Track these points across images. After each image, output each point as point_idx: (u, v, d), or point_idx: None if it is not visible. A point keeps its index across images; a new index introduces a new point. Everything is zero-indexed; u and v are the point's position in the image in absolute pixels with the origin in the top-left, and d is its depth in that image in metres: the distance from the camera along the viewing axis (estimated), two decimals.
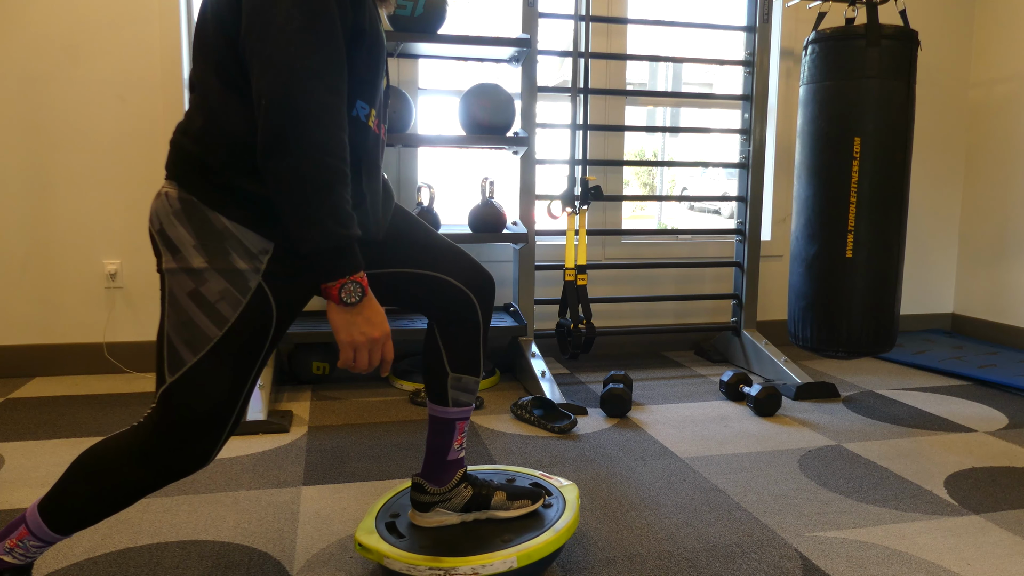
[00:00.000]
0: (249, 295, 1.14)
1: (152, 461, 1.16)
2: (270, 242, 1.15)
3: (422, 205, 2.70)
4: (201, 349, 1.14)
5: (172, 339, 1.15)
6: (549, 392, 2.54)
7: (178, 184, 1.14)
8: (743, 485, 1.92)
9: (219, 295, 1.13)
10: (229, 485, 1.89)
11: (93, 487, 1.17)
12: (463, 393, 1.45)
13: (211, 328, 1.13)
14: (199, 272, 1.13)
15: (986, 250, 3.66)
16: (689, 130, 3.13)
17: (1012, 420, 2.48)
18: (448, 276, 1.39)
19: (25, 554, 1.21)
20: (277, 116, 1.01)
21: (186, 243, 1.13)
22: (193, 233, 1.13)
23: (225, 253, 1.13)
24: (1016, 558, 1.56)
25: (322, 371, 2.81)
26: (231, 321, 1.14)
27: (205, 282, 1.13)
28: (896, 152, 2.46)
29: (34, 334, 2.89)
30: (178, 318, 1.14)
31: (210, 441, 1.17)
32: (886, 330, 2.54)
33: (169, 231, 1.14)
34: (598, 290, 3.36)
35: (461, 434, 1.48)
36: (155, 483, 1.18)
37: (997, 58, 3.58)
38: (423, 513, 1.48)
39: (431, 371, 1.45)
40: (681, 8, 9.20)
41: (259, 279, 1.15)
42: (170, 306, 1.15)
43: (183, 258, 1.13)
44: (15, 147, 2.79)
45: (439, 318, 1.42)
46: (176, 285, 1.14)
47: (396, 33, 2.57)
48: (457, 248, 1.43)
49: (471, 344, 1.43)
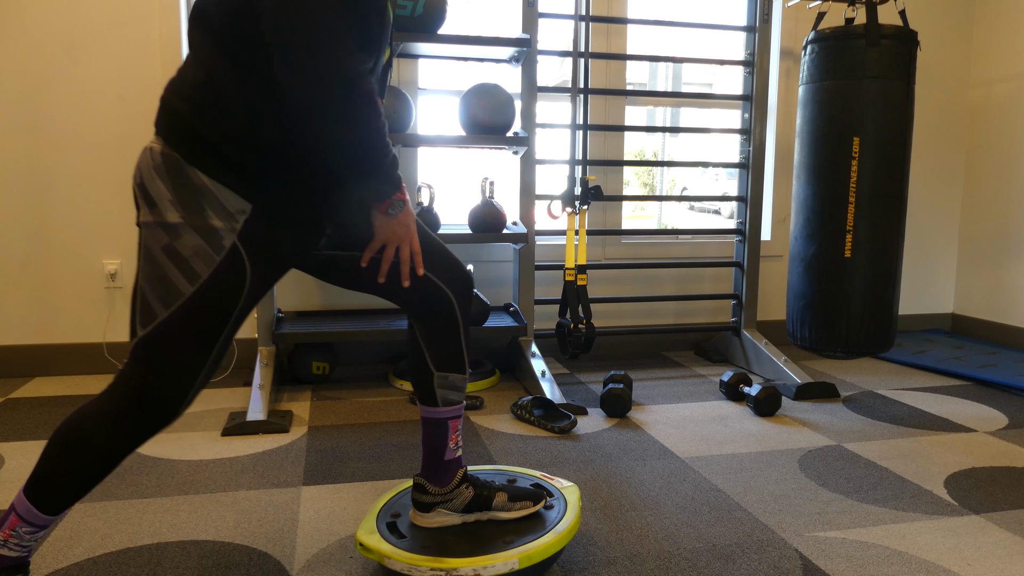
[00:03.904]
0: (223, 254, 1.16)
1: (125, 417, 1.17)
2: (248, 203, 1.16)
3: (422, 205, 2.70)
4: (172, 304, 1.15)
5: (145, 293, 1.16)
6: (549, 392, 2.54)
7: (164, 140, 1.16)
8: (743, 485, 1.92)
9: (193, 251, 1.15)
10: (229, 485, 1.89)
11: (73, 456, 1.17)
12: (451, 391, 1.45)
13: (183, 284, 1.15)
14: (174, 227, 1.14)
15: (986, 250, 3.66)
16: (689, 130, 3.13)
17: (1012, 420, 2.48)
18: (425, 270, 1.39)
19: (20, 543, 1.21)
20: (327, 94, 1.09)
21: (163, 197, 1.15)
22: (171, 188, 1.14)
23: (201, 210, 1.14)
24: (1016, 558, 1.56)
25: (322, 371, 2.81)
26: (203, 278, 1.15)
27: (179, 237, 1.15)
28: (895, 152, 2.46)
29: (34, 334, 2.88)
30: (152, 272, 1.16)
31: (179, 395, 1.19)
32: (885, 330, 2.54)
33: (148, 185, 1.16)
34: (598, 290, 3.36)
35: (455, 433, 1.47)
36: (131, 440, 1.19)
37: (997, 58, 3.58)
38: (424, 513, 1.48)
39: (416, 372, 1.45)
40: (681, 8, 9.20)
41: (234, 239, 1.16)
42: (144, 260, 1.17)
43: (159, 212, 1.15)
44: (15, 147, 2.79)
45: (416, 313, 1.42)
46: (151, 239, 1.16)
47: (396, 33, 2.57)
48: (436, 241, 1.43)
49: (452, 341, 1.43)
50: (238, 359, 3.03)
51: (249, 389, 2.73)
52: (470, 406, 2.54)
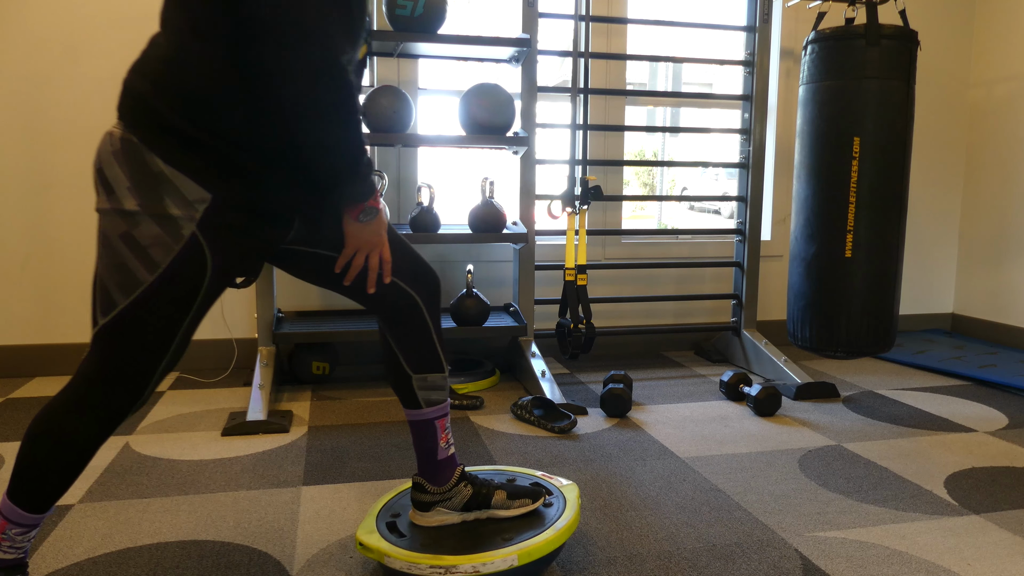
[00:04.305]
0: (182, 243, 1.13)
1: (90, 407, 1.17)
2: (208, 193, 1.13)
3: (422, 205, 2.70)
4: (132, 292, 1.13)
5: (105, 281, 1.15)
6: (549, 392, 2.54)
7: (124, 124, 1.13)
8: (743, 485, 1.92)
9: (151, 240, 1.12)
10: (229, 485, 1.89)
11: (47, 452, 1.17)
12: (432, 392, 1.44)
13: (142, 272, 1.13)
14: (131, 214, 1.12)
15: (986, 250, 3.66)
16: (689, 130, 3.13)
17: (1012, 420, 2.48)
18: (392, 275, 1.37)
19: (12, 545, 1.20)
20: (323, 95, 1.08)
21: (121, 184, 1.12)
22: (129, 175, 1.12)
23: (159, 198, 1.12)
24: (1016, 558, 1.56)
25: (322, 371, 2.81)
26: (162, 267, 1.13)
27: (137, 225, 1.12)
28: (896, 152, 2.46)
29: (34, 334, 2.89)
30: (111, 260, 1.14)
31: (141, 383, 1.18)
32: (885, 330, 2.54)
33: (107, 170, 1.13)
34: (598, 290, 3.36)
35: (444, 431, 1.46)
36: (100, 429, 1.19)
37: (997, 58, 3.58)
38: (424, 513, 1.48)
39: (394, 377, 1.43)
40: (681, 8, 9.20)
41: (193, 228, 1.13)
42: (103, 247, 1.15)
43: (117, 199, 1.12)
44: (15, 147, 2.79)
45: (383, 316, 1.40)
46: (109, 226, 1.14)
47: (396, 33, 2.57)
48: (404, 244, 1.41)
49: (424, 343, 1.41)
50: (238, 359, 3.03)
51: (249, 389, 2.73)
52: (470, 406, 2.54)
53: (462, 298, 2.77)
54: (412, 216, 2.69)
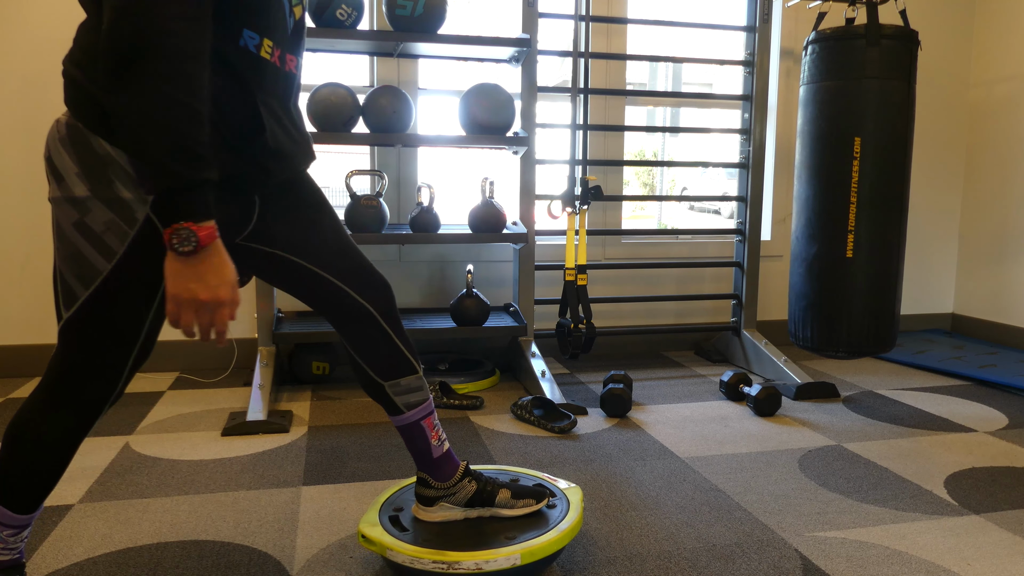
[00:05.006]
0: (136, 226, 1.08)
1: (63, 402, 1.14)
2: None
3: (422, 205, 2.70)
4: (92, 282, 1.10)
5: (64, 273, 1.11)
6: (549, 392, 2.54)
7: (69, 111, 1.10)
8: (743, 485, 1.92)
9: (104, 226, 1.08)
10: (229, 485, 1.89)
11: (26, 452, 1.15)
12: (410, 394, 1.41)
13: (99, 260, 1.09)
14: (82, 201, 1.08)
15: (986, 250, 3.66)
16: (689, 130, 3.13)
17: (1012, 420, 2.48)
18: (339, 281, 1.32)
19: (6, 547, 1.20)
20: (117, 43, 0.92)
21: (69, 171, 1.08)
22: (76, 160, 1.08)
23: (108, 181, 1.07)
24: (1016, 558, 1.56)
25: (322, 371, 2.81)
26: (119, 254, 1.09)
27: (89, 211, 1.08)
28: (896, 152, 2.46)
29: (34, 334, 2.88)
30: (67, 251, 1.10)
31: (113, 375, 1.15)
32: (886, 330, 2.54)
33: (55, 158, 1.09)
34: (598, 290, 3.36)
35: (433, 429, 1.45)
36: (76, 424, 1.16)
37: (997, 58, 3.58)
38: (427, 508, 1.48)
39: (367, 387, 1.40)
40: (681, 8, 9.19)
41: (146, 210, 1.08)
42: (58, 239, 1.11)
43: (66, 186, 1.09)
44: (15, 147, 2.79)
45: (339, 326, 1.36)
46: (62, 216, 1.10)
47: (396, 33, 2.57)
48: (351, 248, 1.35)
49: (387, 350, 1.37)
50: (238, 359, 3.03)
51: (249, 389, 2.73)
52: (470, 406, 2.54)
53: (462, 298, 2.77)
54: (412, 216, 2.69)
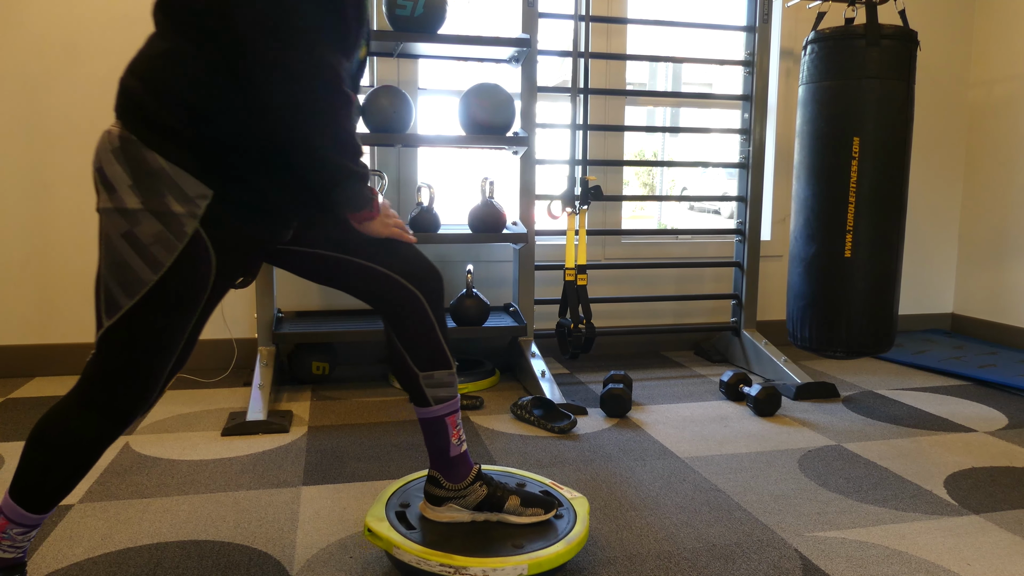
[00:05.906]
0: (185, 240, 1.12)
1: (96, 407, 1.16)
2: (209, 188, 1.13)
3: (422, 205, 2.70)
4: (137, 293, 1.12)
5: (108, 282, 1.13)
6: (549, 392, 2.54)
7: (122, 123, 1.12)
8: (743, 485, 1.92)
9: (153, 238, 1.11)
10: (229, 485, 1.89)
11: (51, 453, 1.16)
12: (440, 389, 1.43)
13: (146, 271, 1.12)
14: (133, 213, 1.11)
15: (986, 250, 3.66)
16: (689, 130, 3.13)
17: (1012, 420, 2.48)
18: (389, 270, 1.36)
19: (13, 544, 1.20)
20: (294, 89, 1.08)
21: (122, 182, 1.11)
22: (129, 172, 1.11)
23: (160, 195, 1.11)
24: (1016, 558, 1.56)
25: (322, 371, 2.81)
26: (167, 266, 1.12)
27: (139, 223, 1.11)
28: (896, 152, 2.46)
29: (34, 334, 2.88)
30: (113, 260, 1.13)
31: (149, 385, 1.17)
32: (885, 330, 2.54)
33: (107, 169, 1.12)
34: (598, 290, 3.36)
35: (456, 428, 1.46)
36: (106, 431, 1.18)
37: (997, 58, 3.58)
38: (435, 507, 1.48)
39: (401, 375, 1.43)
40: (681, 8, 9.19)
41: (196, 224, 1.13)
42: (105, 248, 1.14)
43: (118, 198, 1.11)
44: (15, 147, 2.79)
45: (386, 314, 1.40)
46: (111, 226, 1.13)
47: (396, 33, 2.57)
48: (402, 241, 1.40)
49: (429, 340, 1.40)
50: (238, 359, 3.03)
51: (249, 389, 2.73)
52: (470, 406, 2.54)
53: (462, 298, 2.77)
54: (412, 216, 2.69)
